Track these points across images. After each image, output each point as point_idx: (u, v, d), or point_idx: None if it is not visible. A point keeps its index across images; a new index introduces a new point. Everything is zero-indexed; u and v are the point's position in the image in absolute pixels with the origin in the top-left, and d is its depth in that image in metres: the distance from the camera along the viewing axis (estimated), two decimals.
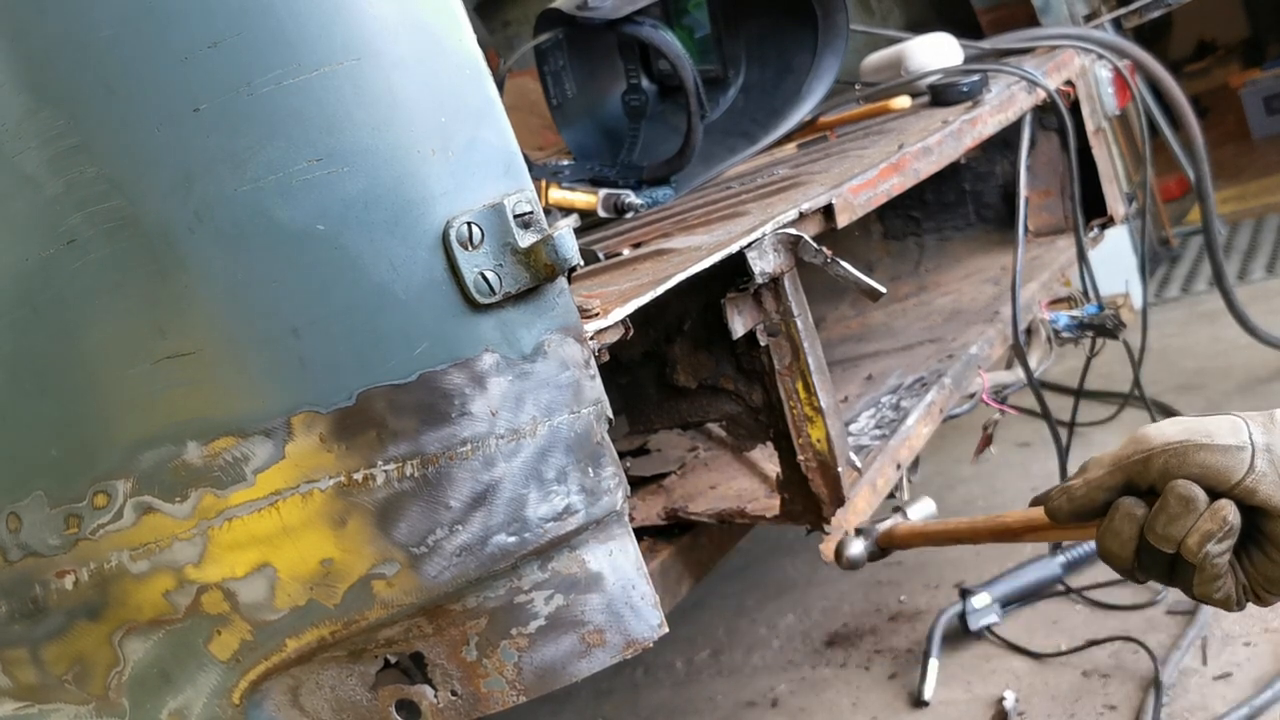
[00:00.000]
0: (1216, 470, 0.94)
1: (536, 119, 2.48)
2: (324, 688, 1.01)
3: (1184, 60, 6.78)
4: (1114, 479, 1.00)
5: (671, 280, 1.23)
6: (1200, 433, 0.96)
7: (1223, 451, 0.94)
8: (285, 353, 0.91)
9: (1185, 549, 0.95)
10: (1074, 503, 1.02)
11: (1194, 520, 0.94)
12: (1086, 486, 1.01)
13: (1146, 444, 0.98)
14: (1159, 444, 0.97)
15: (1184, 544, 0.95)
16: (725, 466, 1.67)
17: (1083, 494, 1.02)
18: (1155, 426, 0.99)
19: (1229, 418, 0.97)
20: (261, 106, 0.88)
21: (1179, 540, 0.95)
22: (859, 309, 2.44)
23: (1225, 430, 0.95)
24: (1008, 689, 2.17)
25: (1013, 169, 2.39)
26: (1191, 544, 0.94)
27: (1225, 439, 0.95)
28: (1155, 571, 0.99)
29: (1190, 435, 0.96)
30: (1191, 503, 0.94)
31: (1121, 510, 0.99)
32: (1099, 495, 1.01)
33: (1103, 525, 1.01)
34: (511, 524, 0.95)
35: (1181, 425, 0.98)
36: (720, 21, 2.17)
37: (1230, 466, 0.94)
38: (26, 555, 1.03)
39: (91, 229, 0.91)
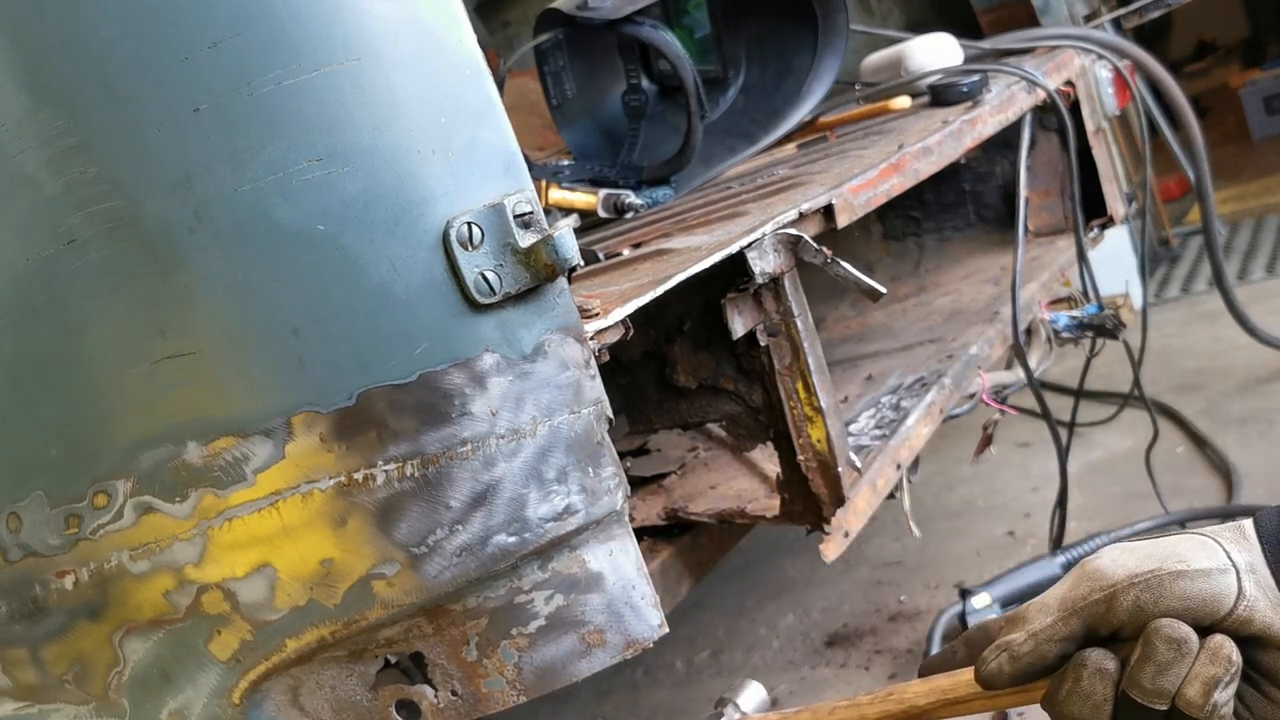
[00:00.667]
0: (1203, 600, 0.78)
1: (537, 119, 2.48)
2: (324, 688, 1.01)
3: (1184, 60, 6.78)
4: (1069, 626, 0.81)
5: (672, 280, 1.23)
6: (1170, 558, 0.79)
7: (1204, 577, 0.78)
8: (285, 353, 0.91)
9: (1188, 703, 0.77)
10: (1019, 662, 0.82)
11: (1189, 665, 0.77)
12: (1034, 641, 0.81)
13: (1105, 579, 0.80)
14: (1122, 577, 0.79)
15: (1183, 697, 0.77)
16: (725, 466, 1.67)
17: (1030, 650, 0.81)
18: (1107, 557, 0.82)
19: (1193, 537, 0.81)
20: (261, 106, 0.88)
21: (1174, 693, 0.78)
22: (859, 309, 2.44)
23: (1197, 552, 0.80)
24: None
25: (1013, 169, 2.39)
26: (1194, 696, 0.77)
27: (1202, 562, 0.79)
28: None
29: (1160, 563, 0.79)
30: (1184, 645, 0.77)
31: (1090, 666, 0.80)
32: (1051, 649, 0.81)
33: (1063, 688, 0.80)
34: (512, 524, 0.95)
35: (1141, 553, 0.81)
36: (720, 22, 2.17)
37: (1218, 595, 0.78)
38: (26, 555, 1.03)
39: (91, 229, 0.91)
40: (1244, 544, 0.80)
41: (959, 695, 0.87)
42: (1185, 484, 2.62)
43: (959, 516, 2.84)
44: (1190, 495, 2.57)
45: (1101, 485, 2.70)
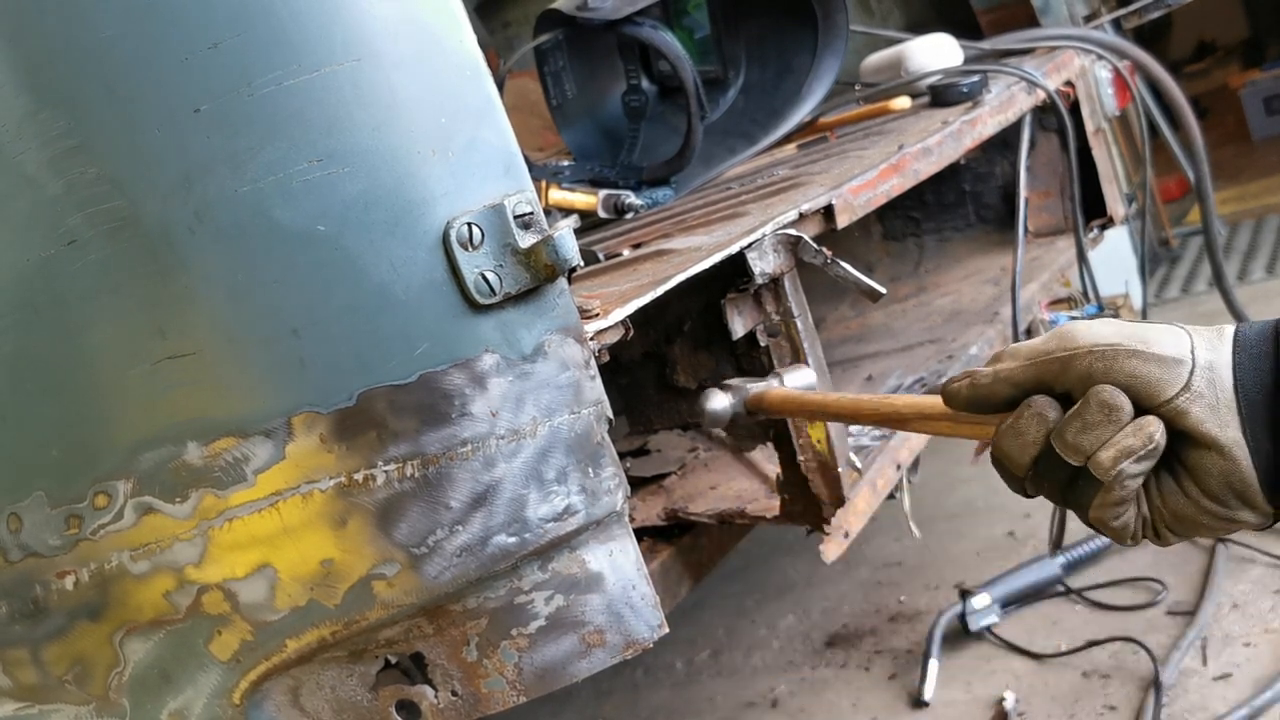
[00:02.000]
0: (1147, 382, 0.81)
1: (537, 120, 2.48)
2: (324, 688, 1.01)
3: (1184, 61, 6.78)
4: (1026, 374, 0.86)
5: (672, 281, 1.23)
6: (1136, 338, 0.82)
7: (1158, 362, 0.81)
8: (285, 353, 0.91)
9: (1096, 463, 0.81)
10: (975, 390, 0.89)
11: (1112, 432, 0.81)
12: (994, 377, 0.88)
13: (1071, 341, 0.84)
14: (1085, 343, 0.83)
15: (1095, 457, 0.81)
16: (725, 467, 1.67)
17: (987, 383, 0.88)
18: (1085, 324, 0.86)
19: (1171, 327, 0.84)
20: (262, 107, 0.89)
21: (1090, 452, 0.82)
22: (859, 309, 2.44)
23: (1165, 340, 0.82)
24: (1008, 689, 2.17)
25: (1012, 169, 2.39)
26: (1104, 459, 0.81)
27: (1164, 349, 0.81)
28: (1050, 484, 0.86)
29: (1124, 339, 0.82)
30: (1115, 412, 0.81)
31: (1032, 409, 0.85)
32: (1004, 390, 0.87)
33: (1005, 422, 0.87)
34: (512, 524, 0.95)
35: (1115, 326, 0.84)
36: (720, 22, 2.17)
37: (1164, 380, 0.80)
38: (27, 556, 1.03)
39: (92, 229, 0.91)
40: (1216, 344, 0.82)
41: (931, 412, 0.98)
42: None
43: (959, 517, 2.84)
44: None
45: None
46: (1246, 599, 2.19)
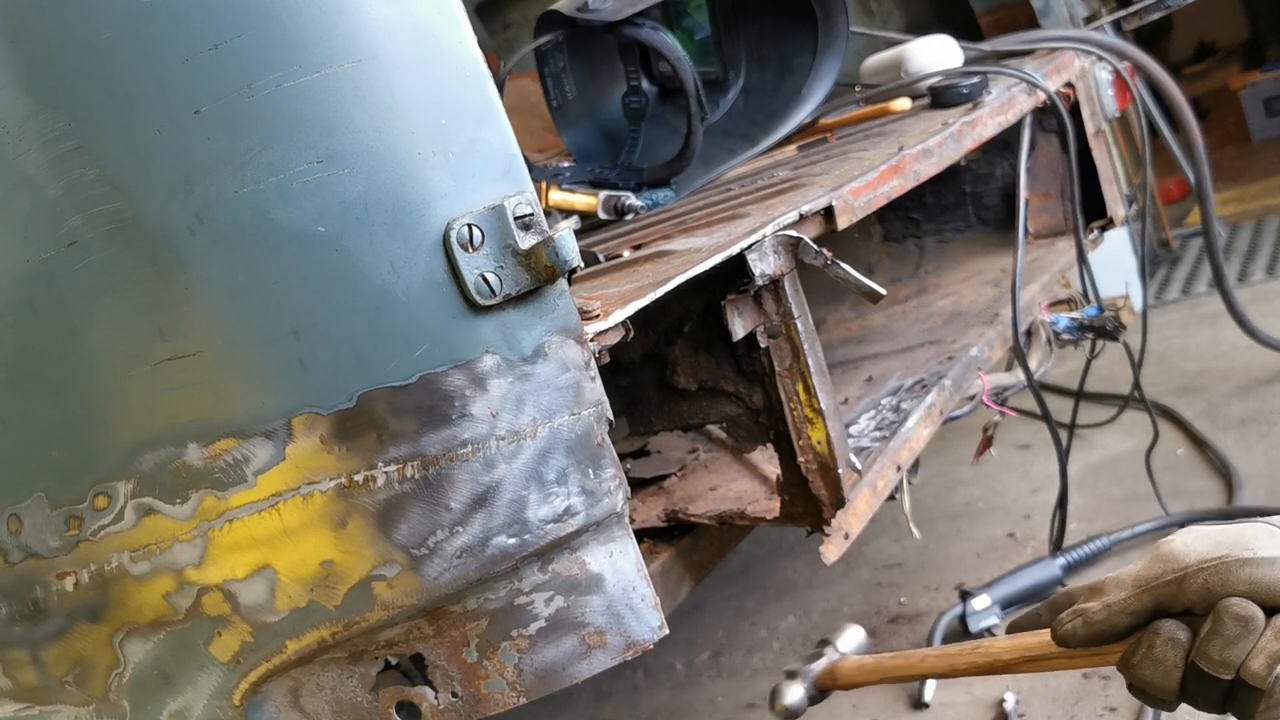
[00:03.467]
0: (1267, 586, 0.85)
1: (537, 121, 2.48)
2: (324, 689, 1.01)
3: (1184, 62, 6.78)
4: (1141, 603, 0.89)
5: (672, 282, 1.23)
6: (1239, 545, 0.86)
7: (1269, 565, 0.85)
8: (286, 354, 0.91)
9: (1250, 674, 0.85)
10: (1092, 628, 0.91)
11: (1254, 641, 0.84)
12: (1108, 611, 0.90)
13: (1178, 562, 0.88)
14: (1193, 561, 0.87)
15: (1247, 668, 0.85)
16: (725, 468, 1.67)
17: (1103, 619, 0.90)
18: (1180, 542, 0.89)
19: (1261, 525, 0.88)
20: (262, 109, 0.89)
21: (1239, 664, 0.85)
22: (859, 311, 2.44)
23: (1264, 539, 0.87)
24: (1008, 691, 2.17)
25: (1013, 171, 2.39)
26: (1258, 668, 0.84)
27: (1268, 550, 0.86)
28: (1206, 700, 0.89)
29: (1230, 550, 0.87)
30: (1250, 622, 0.84)
31: (1164, 635, 0.88)
32: (1123, 620, 0.90)
33: (1138, 653, 0.89)
34: (512, 525, 0.95)
35: (1213, 539, 0.88)
36: (720, 23, 2.17)
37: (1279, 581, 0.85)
38: (27, 557, 1.03)
39: (92, 231, 0.91)
40: None
41: (1040, 653, 0.96)
42: (1185, 485, 2.62)
43: (959, 518, 2.84)
44: (1190, 497, 2.57)
45: (1102, 487, 2.70)
46: None
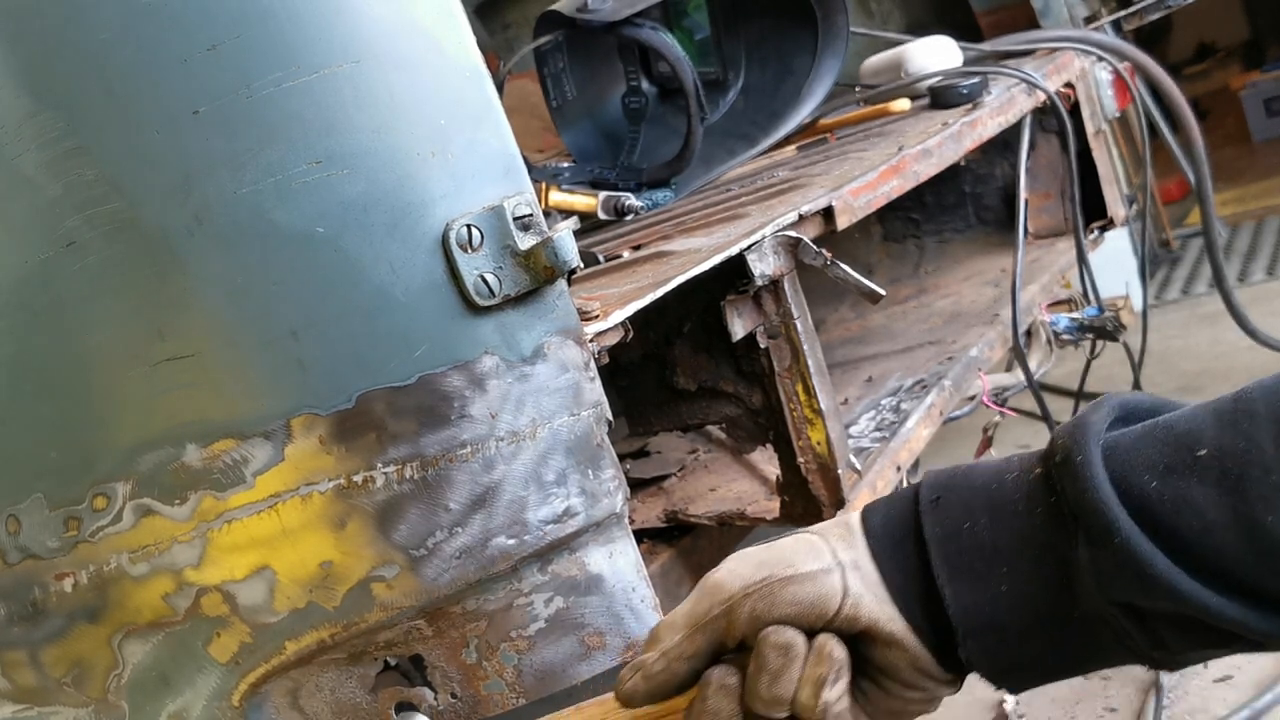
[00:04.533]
0: (811, 604, 0.79)
1: (536, 121, 2.48)
2: (323, 690, 1.01)
3: (1184, 62, 6.79)
4: (695, 644, 0.81)
5: (672, 282, 1.23)
6: (780, 564, 0.80)
7: (810, 580, 0.79)
8: (284, 355, 0.91)
9: (800, 707, 0.78)
10: (653, 681, 0.82)
11: (799, 669, 0.78)
12: (665, 659, 0.82)
13: (723, 592, 0.81)
14: (737, 589, 0.80)
15: (797, 701, 0.78)
16: (725, 469, 1.67)
17: (662, 668, 0.82)
18: (725, 570, 0.82)
19: (803, 538, 0.83)
20: (261, 109, 0.89)
21: (789, 699, 0.78)
22: (859, 311, 2.44)
23: (805, 555, 0.81)
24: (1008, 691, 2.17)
25: (1013, 171, 2.39)
26: (804, 698, 0.78)
27: (808, 564, 0.80)
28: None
29: (770, 570, 0.80)
30: (790, 649, 0.78)
31: (713, 684, 0.80)
32: (681, 666, 0.82)
33: (695, 708, 0.82)
34: (511, 526, 0.95)
35: (755, 560, 0.82)
36: (720, 24, 2.17)
37: (824, 595, 0.79)
38: (25, 558, 1.03)
39: (91, 231, 0.91)
40: (850, 540, 0.81)
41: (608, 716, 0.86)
42: None
43: None
44: None
45: None
46: None
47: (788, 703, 0.78)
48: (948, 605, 0.78)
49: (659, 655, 0.82)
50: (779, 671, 0.78)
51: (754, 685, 0.79)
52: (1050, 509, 0.76)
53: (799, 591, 0.79)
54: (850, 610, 0.79)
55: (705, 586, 0.82)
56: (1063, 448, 0.76)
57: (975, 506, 0.79)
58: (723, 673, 0.81)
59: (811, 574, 0.79)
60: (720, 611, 0.80)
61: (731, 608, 0.80)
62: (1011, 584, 0.77)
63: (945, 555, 0.79)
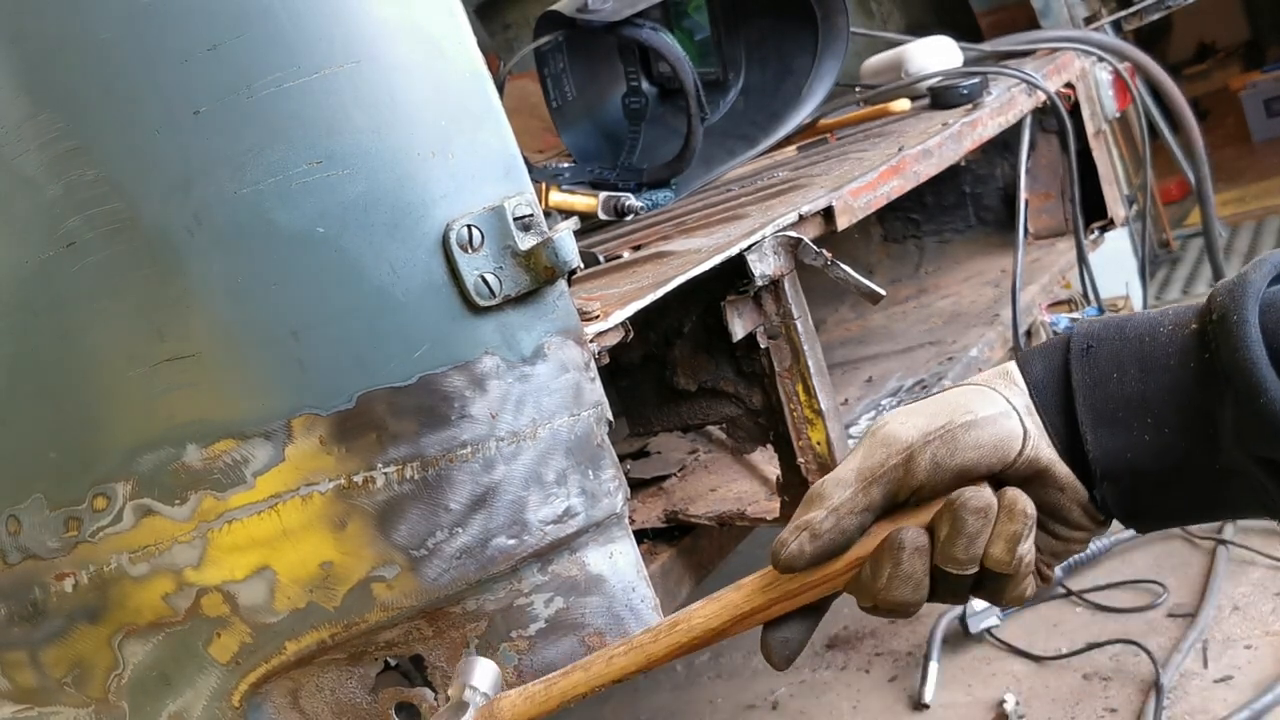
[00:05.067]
0: (993, 446, 0.78)
1: (537, 122, 2.48)
2: (324, 690, 1.01)
3: (1184, 63, 6.78)
4: (869, 496, 0.78)
5: (672, 283, 1.23)
6: (958, 410, 0.79)
7: (991, 423, 0.78)
8: (285, 355, 0.91)
9: (995, 561, 0.78)
10: (820, 540, 0.78)
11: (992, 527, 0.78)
12: (835, 515, 0.78)
13: (900, 442, 0.78)
14: (916, 437, 0.78)
15: (990, 556, 0.78)
16: (725, 469, 1.66)
17: (832, 525, 0.78)
18: (895, 423, 0.80)
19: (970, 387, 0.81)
20: (261, 109, 0.88)
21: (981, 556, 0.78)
22: (859, 312, 2.44)
23: (980, 400, 0.80)
24: (1008, 691, 2.17)
25: (1013, 171, 2.39)
26: (999, 554, 0.78)
27: (986, 409, 0.79)
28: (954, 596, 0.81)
29: (950, 416, 0.79)
30: (989, 510, 0.77)
31: (908, 547, 0.78)
32: (852, 521, 0.79)
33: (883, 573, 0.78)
34: (511, 526, 0.95)
35: (927, 412, 0.80)
36: (720, 24, 2.17)
37: (1005, 438, 0.78)
38: (26, 558, 1.03)
39: (91, 231, 0.91)
40: (1014, 388, 0.81)
41: (753, 605, 0.80)
42: None
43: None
44: None
45: None
46: (1247, 601, 2.19)
47: (979, 560, 0.78)
48: (1089, 450, 0.79)
49: (828, 512, 0.78)
50: (976, 533, 0.77)
51: (950, 549, 0.77)
52: (1202, 365, 0.76)
53: (981, 435, 0.78)
54: (1031, 452, 0.79)
55: (876, 438, 0.80)
56: (1220, 306, 0.76)
57: (1125, 358, 0.79)
58: (915, 535, 0.78)
59: (991, 417, 0.79)
60: (899, 460, 0.78)
61: (911, 456, 0.78)
62: (1155, 434, 0.78)
63: (1091, 402, 0.79)
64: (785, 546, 0.79)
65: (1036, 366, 0.83)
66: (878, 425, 0.81)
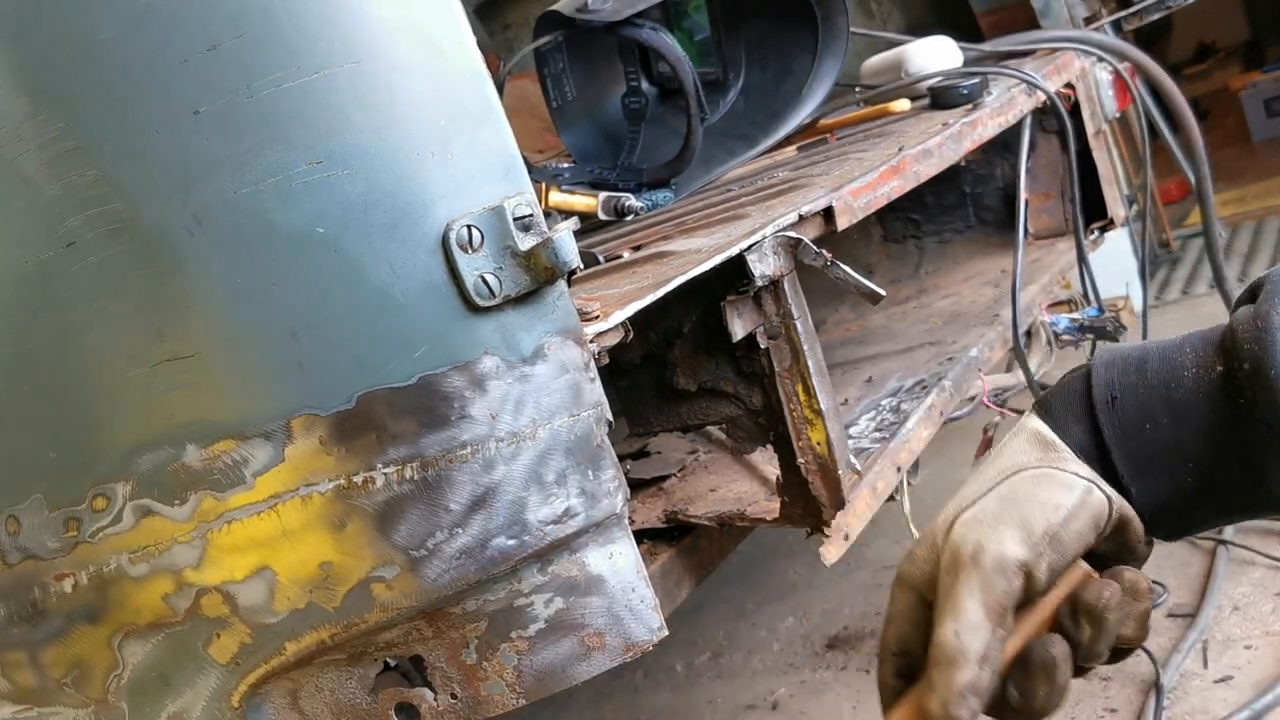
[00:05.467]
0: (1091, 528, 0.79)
1: (536, 122, 2.48)
2: (323, 691, 1.01)
3: (1184, 63, 6.78)
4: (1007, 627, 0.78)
5: (672, 283, 1.23)
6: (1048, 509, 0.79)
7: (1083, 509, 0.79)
8: (284, 355, 0.91)
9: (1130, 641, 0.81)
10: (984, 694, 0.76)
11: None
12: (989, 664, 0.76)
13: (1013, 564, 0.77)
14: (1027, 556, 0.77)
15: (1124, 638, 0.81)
16: (725, 469, 1.66)
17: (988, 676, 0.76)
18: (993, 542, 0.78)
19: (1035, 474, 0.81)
20: (261, 109, 0.88)
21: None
22: (859, 312, 2.44)
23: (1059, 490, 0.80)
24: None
25: (1013, 171, 2.39)
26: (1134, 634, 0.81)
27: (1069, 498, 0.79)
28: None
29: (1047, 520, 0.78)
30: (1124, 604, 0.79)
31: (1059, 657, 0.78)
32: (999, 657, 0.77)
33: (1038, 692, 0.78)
34: (511, 527, 0.95)
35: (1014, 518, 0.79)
36: (720, 24, 2.17)
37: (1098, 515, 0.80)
38: (25, 558, 1.03)
39: (90, 232, 0.91)
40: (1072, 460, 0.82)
41: None
42: None
43: None
44: None
45: None
46: (1247, 602, 2.19)
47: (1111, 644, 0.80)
48: (1134, 499, 0.81)
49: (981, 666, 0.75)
50: (1116, 626, 0.79)
51: (1096, 647, 0.79)
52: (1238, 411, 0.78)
53: (1080, 527, 0.79)
54: (1117, 516, 0.81)
55: (985, 566, 0.77)
56: (1250, 356, 0.77)
57: (1153, 407, 0.81)
58: (1063, 650, 0.78)
59: (1081, 504, 0.79)
60: (1021, 582, 0.77)
61: (1029, 574, 0.77)
62: (1196, 478, 0.80)
63: (1127, 453, 0.81)
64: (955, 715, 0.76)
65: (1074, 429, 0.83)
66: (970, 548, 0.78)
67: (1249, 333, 0.77)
